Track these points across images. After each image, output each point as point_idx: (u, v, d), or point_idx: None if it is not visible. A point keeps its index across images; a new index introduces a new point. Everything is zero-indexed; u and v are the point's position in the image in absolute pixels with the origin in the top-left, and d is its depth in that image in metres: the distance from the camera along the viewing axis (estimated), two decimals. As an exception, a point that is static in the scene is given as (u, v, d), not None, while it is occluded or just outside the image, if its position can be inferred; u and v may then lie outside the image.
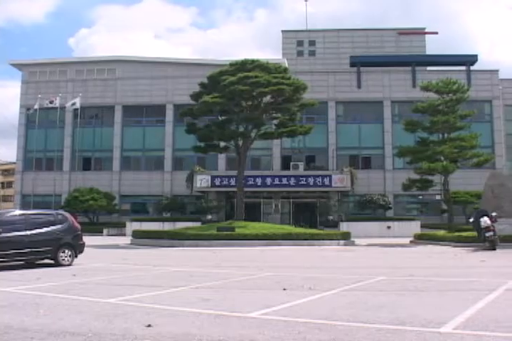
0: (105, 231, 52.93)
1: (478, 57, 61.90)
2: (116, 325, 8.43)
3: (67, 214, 21.08)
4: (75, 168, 62.30)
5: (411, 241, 37.88)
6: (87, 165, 63.52)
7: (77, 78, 65.16)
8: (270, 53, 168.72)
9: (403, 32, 73.85)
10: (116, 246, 34.05)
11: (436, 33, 76.04)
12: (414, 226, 48.08)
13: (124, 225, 53.64)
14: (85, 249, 21.30)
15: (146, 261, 21.97)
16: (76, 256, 20.30)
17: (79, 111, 61.01)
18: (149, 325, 8.34)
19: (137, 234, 38.02)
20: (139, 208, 62.40)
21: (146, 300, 11.03)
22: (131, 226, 50.10)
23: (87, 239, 22.83)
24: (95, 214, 58.20)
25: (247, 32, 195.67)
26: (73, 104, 60.86)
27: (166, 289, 12.94)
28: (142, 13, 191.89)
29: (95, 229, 51.93)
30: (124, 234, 49.52)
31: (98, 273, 17.05)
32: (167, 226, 49.56)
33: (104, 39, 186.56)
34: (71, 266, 19.24)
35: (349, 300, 10.96)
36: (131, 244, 36.56)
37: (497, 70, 61.30)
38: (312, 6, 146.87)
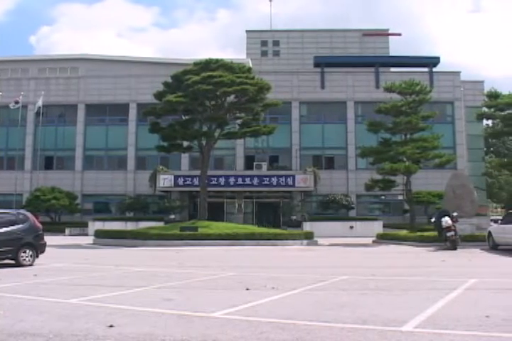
0: (67, 231, 52.32)
1: (440, 59, 62.62)
2: (78, 326, 8.37)
3: (29, 214, 20.86)
4: (36, 167, 61.48)
5: (373, 241, 38.15)
6: (49, 164, 62.83)
7: (39, 76, 64.69)
8: (232, 53, 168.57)
9: (367, 33, 74.36)
10: (79, 246, 33.75)
11: (400, 34, 76.73)
12: (377, 226, 48.39)
13: (86, 225, 53.07)
14: (47, 248, 21.11)
15: (108, 261, 21.84)
16: (37, 256, 20.08)
17: (41, 109, 60.28)
18: (111, 326, 8.29)
19: (99, 234, 37.73)
20: (102, 208, 61.90)
21: (109, 301, 10.96)
22: (94, 225, 49.63)
23: (49, 239, 22.62)
24: (57, 213, 57.65)
25: (208, 32, 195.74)
26: (37, 106, 60.09)
27: (128, 289, 12.88)
28: (104, 11, 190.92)
29: (57, 228, 51.29)
30: (87, 234, 49.06)
31: (60, 273, 16.91)
32: (130, 225, 49.24)
33: (66, 37, 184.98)
34: (32, 266, 19.03)
35: (312, 300, 11.01)
36: (93, 243, 36.25)
37: (459, 72, 61.95)
38: (274, 6, 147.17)
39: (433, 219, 31.67)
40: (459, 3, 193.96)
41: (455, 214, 30.91)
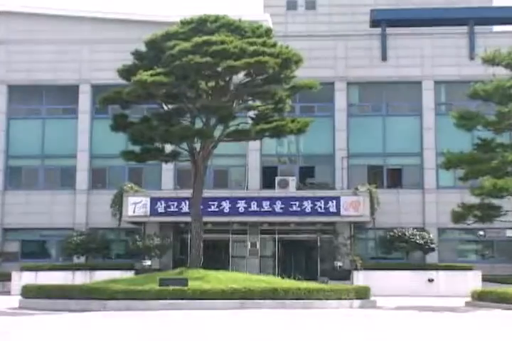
0: (-24, 287, 52.40)
1: None
2: None
3: None
4: None
5: (467, 303, 37.62)
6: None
7: None
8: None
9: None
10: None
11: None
12: (472, 279, 48.00)
13: (8, 277, 52.82)
14: None
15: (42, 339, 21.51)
16: None
17: None
18: None
19: (30, 292, 37.12)
20: (35, 249, 61.74)
21: None
22: (21, 278, 49.57)
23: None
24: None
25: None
26: None
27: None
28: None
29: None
30: (9, 292, 48.98)
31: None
32: (80, 277, 49.20)
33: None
34: None
35: None
36: (19, 307, 35.82)
37: None
38: None
39: None
40: None
41: None
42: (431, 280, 50.39)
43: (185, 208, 50.30)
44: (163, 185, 59.39)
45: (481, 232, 54.04)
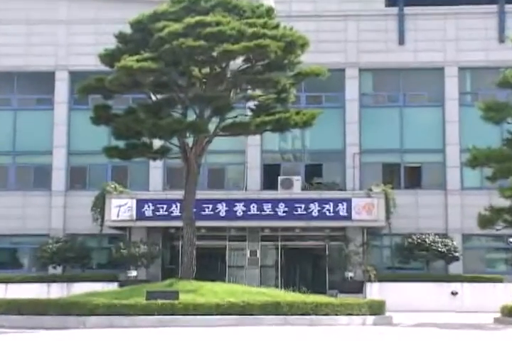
0: None
1: None
2: None
3: None
4: None
5: (496, 320, 37.36)
6: None
7: None
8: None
9: None
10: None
11: None
12: (502, 293, 47.90)
13: (-26, 290, 52.94)
14: None
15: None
16: None
17: None
18: None
19: None
20: (4, 259, 61.65)
21: None
22: (-11, 291, 49.63)
23: None
24: None
25: None
26: None
27: None
28: None
29: None
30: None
31: None
32: (56, 290, 49.12)
33: None
34: None
35: None
36: (-13, 324, 35.80)
37: None
38: None
39: None
40: None
41: None
42: (455, 294, 50.35)
43: (176, 211, 50.33)
44: (151, 186, 59.40)
45: None
